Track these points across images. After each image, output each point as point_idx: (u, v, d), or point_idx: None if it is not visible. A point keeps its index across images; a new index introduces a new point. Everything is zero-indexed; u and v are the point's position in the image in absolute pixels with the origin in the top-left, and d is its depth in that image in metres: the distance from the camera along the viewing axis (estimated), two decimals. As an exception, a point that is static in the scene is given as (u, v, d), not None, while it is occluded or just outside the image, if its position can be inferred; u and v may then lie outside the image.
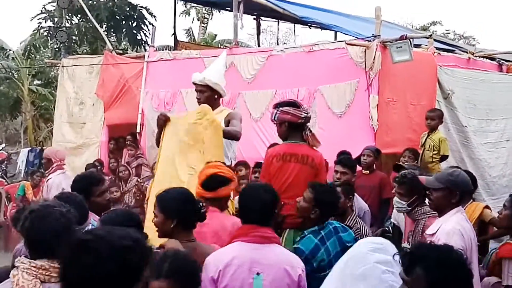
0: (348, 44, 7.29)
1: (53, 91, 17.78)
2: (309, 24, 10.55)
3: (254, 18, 11.46)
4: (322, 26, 9.77)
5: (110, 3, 14.85)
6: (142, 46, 15.07)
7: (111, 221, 2.98)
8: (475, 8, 45.57)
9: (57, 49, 14.60)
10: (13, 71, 20.13)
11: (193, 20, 24.83)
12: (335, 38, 10.23)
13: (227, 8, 11.05)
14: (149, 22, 15.02)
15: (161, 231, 3.17)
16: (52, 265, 2.43)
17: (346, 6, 23.79)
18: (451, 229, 3.44)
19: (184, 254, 2.58)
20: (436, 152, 6.63)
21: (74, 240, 1.70)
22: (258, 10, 10.54)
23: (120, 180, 8.54)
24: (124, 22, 15.06)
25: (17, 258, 2.52)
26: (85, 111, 9.93)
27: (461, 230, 3.44)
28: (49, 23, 15.26)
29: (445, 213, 3.62)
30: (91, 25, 13.88)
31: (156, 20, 15.26)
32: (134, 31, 15.11)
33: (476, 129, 7.90)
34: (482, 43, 26.72)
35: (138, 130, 8.99)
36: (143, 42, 15.07)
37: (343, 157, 5.58)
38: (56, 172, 6.25)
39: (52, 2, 15.21)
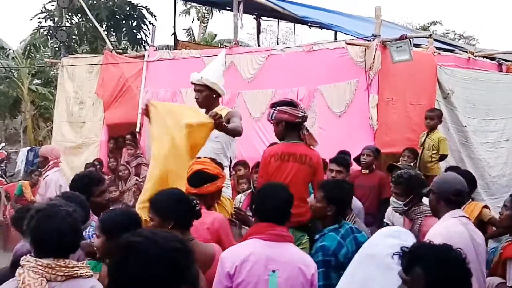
0: (348, 44, 7.30)
1: (53, 90, 17.75)
2: (309, 24, 10.55)
3: (254, 18, 11.45)
4: (322, 26, 9.78)
5: (110, 3, 14.86)
6: (142, 46, 15.09)
7: (110, 221, 2.97)
8: (475, 8, 45.65)
9: (57, 49, 14.62)
10: (13, 71, 20.12)
11: (193, 19, 24.86)
12: (335, 38, 10.23)
13: (227, 8, 11.04)
14: (149, 22, 15.05)
15: None
16: (58, 264, 2.44)
17: (346, 5, 23.81)
18: (433, 234, 3.38)
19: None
20: (435, 151, 6.64)
21: (122, 242, 1.69)
22: (258, 10, 10.54)
23: (120, 179, 8.54)
24: (124, 21, 15.07)
25: (22, 257, 2.52)
26: (84, 110, 9.93)
27: (445, 235, 3.31)
28: (49, 23, 15.28)
29: (440, 216, 3.61)
30: (91, 24, 13.90)
31: (156, 19, 15.30)
32: (134, 31, 15.13)
33: (476, 128, 7.89)
34: (482, 43, 26.77)
35: (137, 129, 8.99)
36: (143, 41, 15.09)
37: (338, 156, 5.55)
38: (52, 170, 6.25)
39: (52, 1, 15.20)
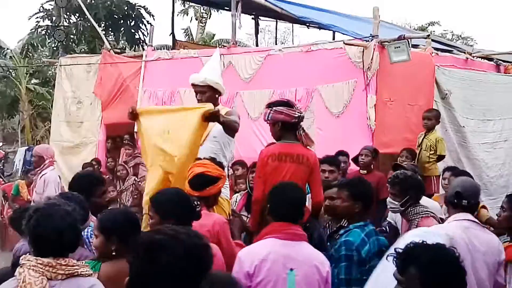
0: (346, 44, 7.29)
1: (51, 90, 17.76)
2: (307, 24, 10.54)
3: (252, 18, 11.45)
4: (320, 26, 9.78)
5: (108, 2, 14.85)
6: (140, 45, 15.08)
7: (109, 220, 2.97)
8: (473, 9, 45.76)
9: (55, 48, 14.64)
10: (11, 70, 20.12)
11: (191, 19, 24.91)
12: (333, 38, 10.22)
13: (226, 8, 11.03)
14: (147, 21, 15.07)
15: None
16: (59, 263, 2.45)
17: (344, 6, 23.83)
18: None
19: None
20: (433, 152, 6.65)
21: (145, 240, 1.70)
22: (256, 10, 10.53)
23: (118, 179, 8.52)
24: (122, 21, 15.08)
25: (22, 256, 2.52)
26: (82, 110, 9.90)
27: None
28: (47, 22, 15.30)
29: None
30: (89, 24, 13.88)
31: (154, 19, 15.33)
32: (132, 30, 15.13)
33: (474, 129, 7.90)
34: (480, 43, 26.84)
35: (135, 129, 8.96)
36: (141, 41, 15.08)
37: (327, 156, 5.53)
38: (49, 168, 6.28)
39: (50, 1, 15.22)
